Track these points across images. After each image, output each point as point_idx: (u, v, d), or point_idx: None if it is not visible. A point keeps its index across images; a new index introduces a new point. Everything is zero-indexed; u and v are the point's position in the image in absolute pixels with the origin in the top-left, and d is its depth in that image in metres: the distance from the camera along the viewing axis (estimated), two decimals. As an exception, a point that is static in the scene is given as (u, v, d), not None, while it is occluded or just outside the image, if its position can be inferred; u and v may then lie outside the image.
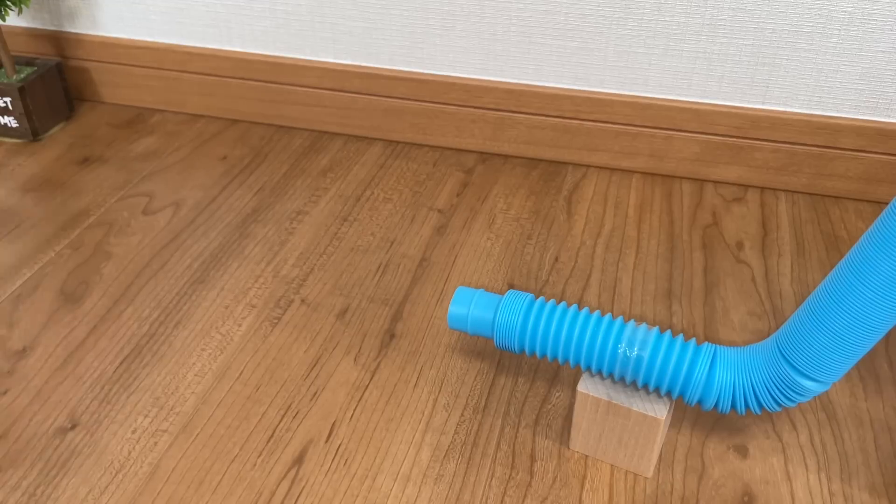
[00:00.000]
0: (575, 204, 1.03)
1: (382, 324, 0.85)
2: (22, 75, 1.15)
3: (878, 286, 0.55)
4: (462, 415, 0.74)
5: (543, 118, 1.09)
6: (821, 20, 0.94)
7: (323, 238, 0.97)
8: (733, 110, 1.01)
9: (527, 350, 0.69)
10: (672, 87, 1.03)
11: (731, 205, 1.02)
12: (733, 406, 0.64)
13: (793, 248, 0.95)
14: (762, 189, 1.05)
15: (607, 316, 0.66)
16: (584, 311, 0.66)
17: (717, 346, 0.65)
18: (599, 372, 0.66)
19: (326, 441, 0.72)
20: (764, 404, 0.63)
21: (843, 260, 0.58)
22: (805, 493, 0.67)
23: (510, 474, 0.69)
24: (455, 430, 0.73)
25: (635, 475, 0.68)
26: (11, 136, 1.18)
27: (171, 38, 1.19)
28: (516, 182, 1.08)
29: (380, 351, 0.81)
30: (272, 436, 0.72)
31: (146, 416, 0.74)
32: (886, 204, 1.02)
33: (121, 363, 0.80)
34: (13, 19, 1.24)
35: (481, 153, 1.14)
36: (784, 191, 1.05)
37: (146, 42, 1.20)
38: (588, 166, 1.11)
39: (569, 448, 0.71)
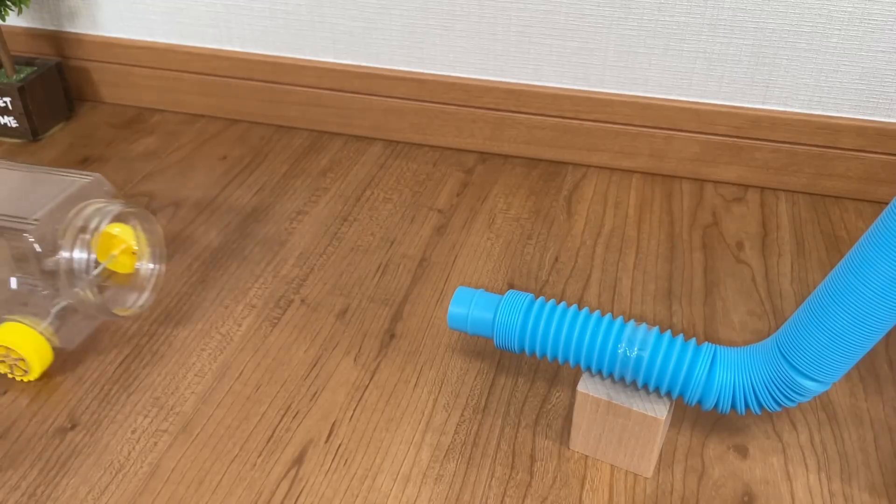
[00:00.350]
0: (575, 204, 1.03)
1: (382, 324, 0.85)
2: (22, 75, 1.15)
3: (878, 286, 0.55)
4: (462, 415, 0.74)
5: (543, 118, 1.09)
6: (821, 20, 0.94)
7: (323, 238, 0.97)
8: (733, 110, 1.01)
9: (527, 350, 0.69)
10: (672, 87, 1.03)
11: (731, 205, 1.02)
12: (733, 406, 0.64)
13: (793, 248, 0.95)
14: (762, 189, 1.05)
15: (607, 316, 0.66)
16: (584, 311, 0.66)
17: (717, 346, 0.65)
18: (599, 372, 0.66)
19: (326, 441, 0.72)
20: (764, 404, 0.63)
21: (843, 260, 0.58)
22: (805, 493, 0.67)
23: (510, 474, 0.69)
24: (455, 430, 0.73)
25: (635, 475, 0.68)
26: (11, 136, 1.18)
27: (171, 38, 1.20)
28: (516, 182, 1.08)
29: (380, 351, 0.81)
30: (272, 436, 0.72)
31: (146, 416, 0.74)
32: (886, 204, 1.02)
33: (121, 363, 0.80)
34: (13, 19, 1.24)
35: (481, 153, 1.14)
36: (784, 191, 1.05)
37: (146, 42, 1.20)
38: (588, 166, 1.11)
39: (569, 448, 0.71)
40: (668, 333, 0.64)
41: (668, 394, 0.64)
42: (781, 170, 1.04)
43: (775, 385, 0.61)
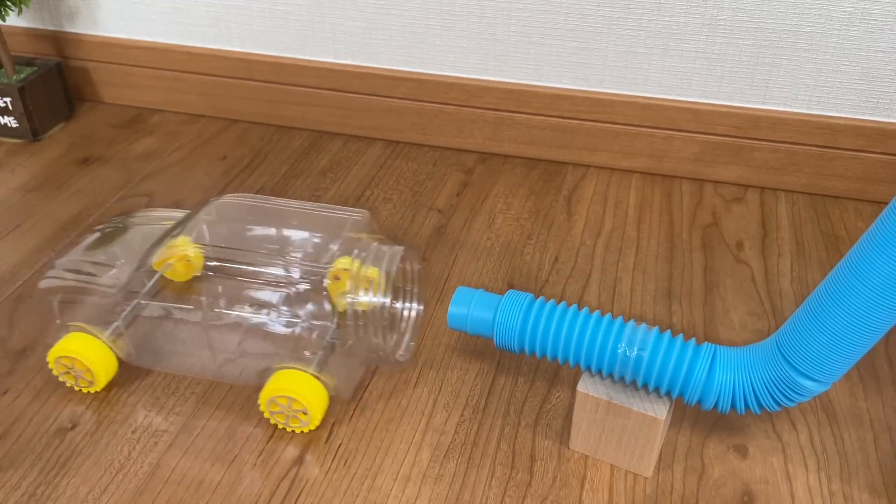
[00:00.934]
0: (575, 204, 1.03)
1: (382, 324, 0.85)
2: (22, 75, 1.15)
3: (877, 286, 0.55)
4: (462, 415, 0.74)
5: (543, 118, 1.09)
6: (821, 20, 0.94)
7: (323, 238, 0.97)
8: (733, 110, 1.01)
9: (527, 350, 0.69)
10: (672, 87, 1.03)
11: (731, 205, 1.02)
12: (733, 406, 0.64)
13: (793, 248, 0.95)
14: (762, 189, 1.05)
15: (607, 316, 0.66)
16: (584, 310, 0.66)
17: (717, 345, 0.65)
18: (599, 372, 0.66)
19: (326, 441, 0.72)
20: (764, 404, 0.63)
21: (842, 260, 0.58)
22: (805, 493, 0.67)
23: (510, 474, 0.69)
24: (455, 430, 0.73)
25: (635, 475, 0.68)
26: (11, 136, 1.18)
27: (171, 38, 1.20)
28: (516, 182, 1.08)
29: (380, 351, 0.81)
30: (272, 436, 0.72)
31: (146, 416, 0.74)
32: (886, 204, 1.02)
33: (121, 363, 0.80)
34: (13, 19, 1.25)
35: (481, 153, 1.14)
36: (784, 191, 1.05)
37: (146, 42, 1.21)
38: (588, 166, 1.11)
39: (569, 448, 0.71)
40: (667, 333, 0.64)
41: (668, 393, 0.64)
42: (781, 170, 1.04)
43: (775, 385, 0.61)
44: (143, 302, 0.74)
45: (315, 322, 0.71)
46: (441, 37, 1.08)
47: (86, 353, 0.73)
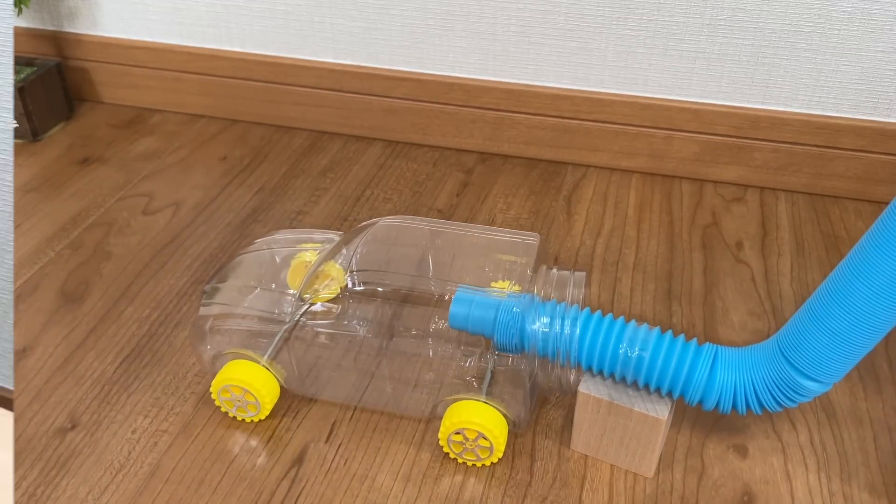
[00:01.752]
0: (575, 204, 1.03)
1: (382, 324, 0.85)
2: (22, 75, 1.15)
3: (878, 286, 0.55)
4: (462, 415, 0.74)
5: (543, 118, 1.09)
6: (820, 20, 0.94)
7: (323, 238, 0.97)
8: (733, 110, 1.01)
9: (527, 350, 0.69)
10: (672, 87, 1.03)
11: (731, 205, 1.02)
12: (734, 406, 0.64)
13: (792, 248, 0.95)
14: (762, 189, 1.05)
15: (608, 316, 0.66)
16: (585, 311, 0.66)
17: (719, 346, 0.65)
18: (601, 372, 0.66)
19: (326, 441, 0.72)
20: (765, 404, 0.63)
21: (843, 260, 0.58)
22: (805, 493, 0.67)
23: (510, 474, 0.69)
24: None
25: (635, 475, 0.68)
26: (11, 136, 1.18)
27: (171, 38, 1.19)
28: (516, 182, 1.08)
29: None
30: (272, 436, 0.72)
31: (146, 416, 0.74)
32: (886, 204, 1.02)
33: (121, 363, 0.80)
34: (13, 19, 1.24)
35: (481, 153, 1.14)
36: (784, 191, 1.05)
37: (146, 42, 1.20)
38: (588, 166, 1.11)
39: (569, 448, 0.71)
40: (669, 333, 0.64)
41: (670, 394, 0.64)
42: (781, 170, 1.04)
43: (776, 385, 0.61)
44: (299, 325, 0.71)
45: (483, 351, 0.69)
46: (441, 37, 1.08)
47: (250, 380, 0.70)
